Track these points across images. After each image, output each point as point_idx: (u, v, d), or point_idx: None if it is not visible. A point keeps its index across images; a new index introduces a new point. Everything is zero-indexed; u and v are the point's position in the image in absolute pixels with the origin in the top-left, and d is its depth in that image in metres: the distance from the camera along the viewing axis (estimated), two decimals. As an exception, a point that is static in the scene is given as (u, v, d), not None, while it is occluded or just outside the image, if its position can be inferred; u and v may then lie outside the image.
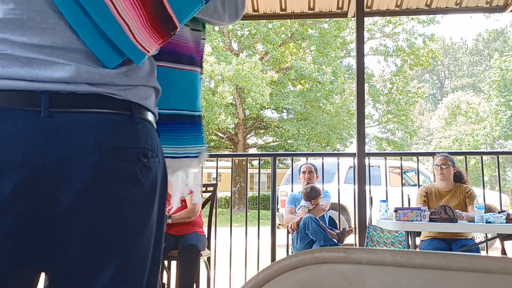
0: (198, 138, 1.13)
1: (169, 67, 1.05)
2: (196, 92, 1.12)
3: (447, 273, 0.39)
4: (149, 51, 0.83)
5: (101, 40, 0.77)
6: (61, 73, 0.74)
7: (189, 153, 1.11)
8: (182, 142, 1.08)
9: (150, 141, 0.85)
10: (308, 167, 3.96)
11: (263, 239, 4.03)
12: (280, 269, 0.44)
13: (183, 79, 1.08)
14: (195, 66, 1.10)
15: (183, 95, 1.08)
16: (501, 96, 20.43)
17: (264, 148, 20.09)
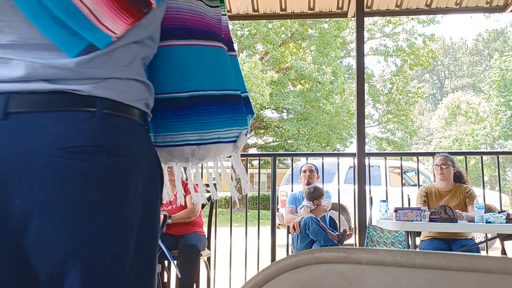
0: (235, 120, 1.02)
1: (179, 45, 0.97)
2: (223, 69, 1.02)
3: (447, 273, 0.39)
4: (116, 33, 0.76)
5: (59, 28, 0.72)
6: (18, 72, 0.72)
7: (220, 138, 1.00)
8: (208, 126, 0.98)
9: (120, 137, 0.78)
10: (309, 166, 3.97)
11: (263, 239, 4.03)
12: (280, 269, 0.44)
13: (202, 56, 0.99)
14: (216, 42, 1.02)
15: (203, 74, 0.99)
16: (501, 96, 20.43)
17: (264, 148, 20.10)
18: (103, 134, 0.76)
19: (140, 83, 0.85)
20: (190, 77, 0.97)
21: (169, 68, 0.98)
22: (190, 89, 0.97)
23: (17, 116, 0.71)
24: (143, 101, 0.85)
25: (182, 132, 0.99)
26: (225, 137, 1.00)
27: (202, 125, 0.98)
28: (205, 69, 0.99)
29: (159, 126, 1.00)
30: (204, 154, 1.01)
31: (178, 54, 0.97)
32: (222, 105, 1.00)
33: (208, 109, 0.98)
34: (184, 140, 0.99)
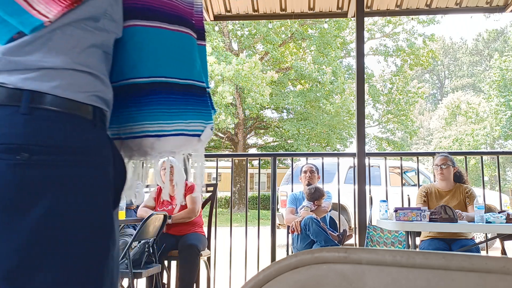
0: (199, 113, 0.93)
1: (139, 26, 0.87)
2: (190, 57, 0.94)
3: (447, 273, 0.39)
4: (49, 17, 0.70)
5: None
6: None
7: (183, 130, 0.91)
8: (170, 116, 0.88)
9: (49, 135, 0.72)
10: (310, 167, 3.96)
11: (263, 239, 4.03)
12: (280, 269, 0.44)
13: (165, 41, 0.89)
14: (184, 27, 0.92)
15: (166, 59, 0.89)
16: (501, 96, 20.43)
17: (264, 148, 20.09)
18: (26, 131, 0.70)
19: (86, 74, 0.77)
20: (151, 61, 0.87)
21: (128, 51, 0.88)
22: (151, 74, 0.87)
23: None
24: (90, 93, 0.78)
25: (141, 122, 0.88)
26: (188, 130, 0.91)
27: (164, 115, 0.88)
28: (169, 55, 0.89)
29: (121, 117, 0.90)
30: (165, 147, 0.90)
31: (138, 36, 0.87)
32: (186, 95, 0.90)
33: (171, 98, 0.88)
34: (143, 131, 0.88)
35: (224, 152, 18.34)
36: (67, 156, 0.73)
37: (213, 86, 16.85)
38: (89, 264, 0.74)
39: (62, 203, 0.72)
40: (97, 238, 0.76)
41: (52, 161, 0.71)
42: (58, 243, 0.71)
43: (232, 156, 4.93)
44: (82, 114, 0.76)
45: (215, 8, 4.51)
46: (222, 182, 21.46)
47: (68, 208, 0.72)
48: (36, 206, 0.70)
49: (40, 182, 0.70)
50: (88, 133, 0.77)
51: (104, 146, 0.80)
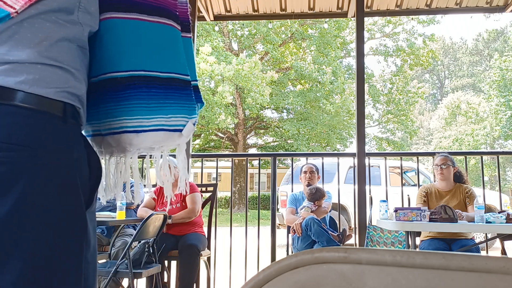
0: (182, 107, 0.90)
1: (117, 18, 0.84)
2: (172, 50, 0.90)
3: (447, 273, 0.39)
4: (16, 7, 0.67)
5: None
6: None
7: (163, 125, 0.87)
8: (149, 111, 0.85)
9: (8, 132, 0.69)
10: (310, 167, 3.95)
11: (263, 239, 4.03)
12: (280, 269, 0.44)
13: (145, 33, 0.86)
14: (166, 19, 0.89)
15: (146, 52, 0.86)
16: (501, 96, 20.43)
17: (264, 148, 20.09)
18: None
19: (56, 68, 0.75)
20: (129, 55, 0.84)
21: (106, 44, 0.84)
22: (130, 68, 0.84)
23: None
24: (60, 89, 0.75)
25: (120, 117, 0.85)
26: (169, 125, 0.87)
27: (143, 110, 0.85)
28: (149, 48, 0.86)
29: (101, 112, 0.87)
30: (144, 142, 0.87)
31: (116, 29, 0.84)
32: (168, 89, 0.87)
33: (151, 92, 0.85)
34: (122, 127, 0.86)
35: (224, 152, 18.34)
36: (34, 155, 0.70)
37: (213, 86, 16.87)
38: (59, 263, 0.72)
39: (29, 203, 0.70)
40: (68, 238, 0.73)
41: (19, 159, 0.69)
42: (24, 245, 0.69)
43: (232, 156, 4.92)
44: (51, 111, 0.73)
45: (215, 8, 4.51)
46: (222, 182, 21.46)
47: (35, 208, 0.70)
48: (2, 205, 0.68)
49: (6, 179, 0.68)
50: (57, 130, 0.74)
51: (75, 144, 0.77)
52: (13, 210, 0.68)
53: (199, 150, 18.23)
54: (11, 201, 0.68)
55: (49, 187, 0.72)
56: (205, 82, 16.77)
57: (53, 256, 0.71)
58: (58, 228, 0.72)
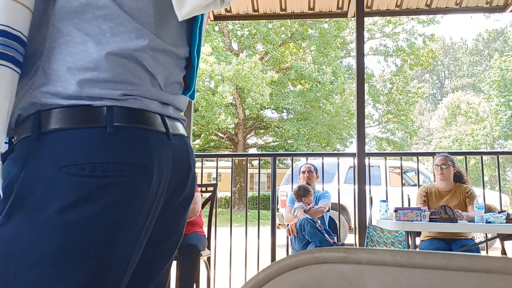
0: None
1: None
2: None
3: (447, 273, 0.39)
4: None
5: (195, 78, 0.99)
6: (173, 98, 0.92)
7: None
8: None
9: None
10: (308, 167, 3.95)
11: (263, 239, 4.03)
12: (280, 269, 0.44)
13: None
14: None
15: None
16: (501, 96, 20.43)
17: (264, 148, 20.10)
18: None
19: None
20: None
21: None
22: None
23: (174, 137, 0.87)
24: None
25: None
26: None
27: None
28: None
29: None
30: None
31: None
32: None
33: None
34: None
35: (224, 152, 18.35)
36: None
37: (213, 86, 16.87)
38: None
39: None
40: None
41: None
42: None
43: (232, 156, 4.92)
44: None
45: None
46: (222, 182, 21.46)
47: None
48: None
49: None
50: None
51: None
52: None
53: (199, 150, 18.23)
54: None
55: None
56: (205, 82, 16.77)
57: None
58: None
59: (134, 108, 0.76)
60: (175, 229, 0.93)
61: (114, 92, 0.74)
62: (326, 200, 3.80)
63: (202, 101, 15.84)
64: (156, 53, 0.80)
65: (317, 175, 3.99)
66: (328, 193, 3.87)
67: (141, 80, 0.77)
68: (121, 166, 0.72)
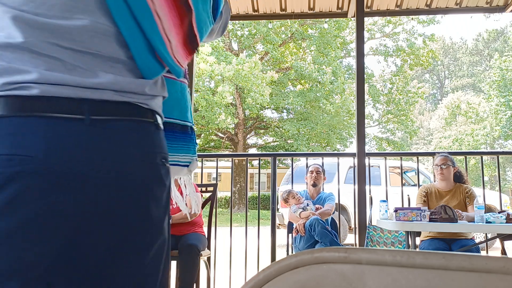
0: (189, 148, 1.16)
1: (165, 77, 1.02)
2: (186, 103, 1.15)
3: (447, 273, 0.39)
4: (184, 66, 0.87)
5: (147, 53, 0.80)
6: (101, 80, 0.75)
7: (178, 161, 1.13)
8: (171, 149, 1.09)
9: (166, 147, 0.88)
10: (317, 167, 3.96)
11: (263, 239, 4.03)
12: (280, 269, 0.44)
13: (176, 89, 1.10)
14: (184, 78, 1.14)
15: (175, 104, 1.11)
16: (501, 96, 20.43)
17: (264, 148, 20.09)
18: (163, 142, 0.87)
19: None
20: (167, 106, 1.01)
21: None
22: (165, 115, 1.01)
23: (101, 122, 0.74)
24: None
25: None
26: (181, 161, 1.14)
27: (168, 149, 1.03)
28: (178, 100, 1.11)
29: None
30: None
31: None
32: (183, 134, 1.13)
33: (174, 136, 1.11)
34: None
35: (224, 152, 18.35)
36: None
37: (213, 86, 16.87)
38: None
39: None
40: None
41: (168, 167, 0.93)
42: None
43: (232, 156, 4.92)
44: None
45: (215, 8, 4.51)
46: (222, 182, 21.46)
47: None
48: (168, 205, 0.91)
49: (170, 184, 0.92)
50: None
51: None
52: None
53: (199, 150, 18.23)
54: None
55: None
56: (205, 82, 16.77)
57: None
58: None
59: (24, 96, 0.70)
60: (110, 269, 0.74)
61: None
62: (332, 202, 3.80)
63: (202, 101, 15.84)
64: (40, 33, 0.72)
65: (324, 177, 4.00)
66: (333, 195, 3.88)
67: (31, 66, 0.70)
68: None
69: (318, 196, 3.89)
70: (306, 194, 3.90)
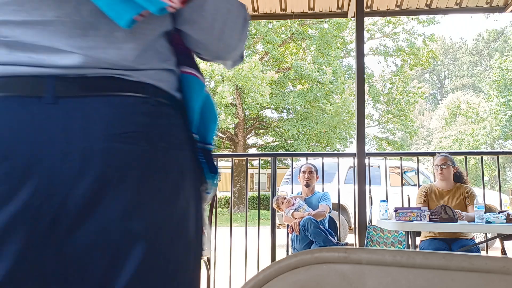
0: (213, 177, 0.96)
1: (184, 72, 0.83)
2: (214, 115, 0.93)
3: (447, 273, 0.39)
4: (173, 2, 0.66)
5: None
6: (70, 59, 0.65)
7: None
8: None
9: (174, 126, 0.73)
10: (309, 167, 3.95)
11: (263, 239, 4.03)
12: (280, 269, 0.44)
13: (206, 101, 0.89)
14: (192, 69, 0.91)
15: (204, 123, 0.86)
16: (501, 96, 20.44)
17: (264, 148, 20.09)
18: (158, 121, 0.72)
19: (176, 74, 0.78)
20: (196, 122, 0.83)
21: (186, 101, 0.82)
22: (196, 133, 0.83)
23: (67, 100, 0.64)
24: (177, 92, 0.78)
25: None
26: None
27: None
28: (208, 118, 0.85)
29: None
30: None
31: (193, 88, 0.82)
32: (208, 160, 0.89)
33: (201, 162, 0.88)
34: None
35: (224, 152, 18.35)
36: (179, 146, 0.78)
37: (213, 86, 16.87)
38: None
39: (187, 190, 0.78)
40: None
41: (174, 149, 0.75)
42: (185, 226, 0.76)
43: (232, 156, 4.93)
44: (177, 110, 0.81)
45: (215, 8, 4.51)
46: (222, 182, 21.46)
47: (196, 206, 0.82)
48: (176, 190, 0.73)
49: (174, 166, 0.74)
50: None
51: (189, 146, 0.84)
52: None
53: (199, 150, 18.22)
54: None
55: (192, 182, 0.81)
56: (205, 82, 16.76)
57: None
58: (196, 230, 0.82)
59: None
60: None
61: None
62: (327, 202, 3.79)
63: (202, 101, 15.85)
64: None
65: (317, 176, 3.99)
66: (328, 195, 3.86)
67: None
68: None
69: (312, 195, 3.89)
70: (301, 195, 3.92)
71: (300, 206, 3.72)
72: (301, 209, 3.69)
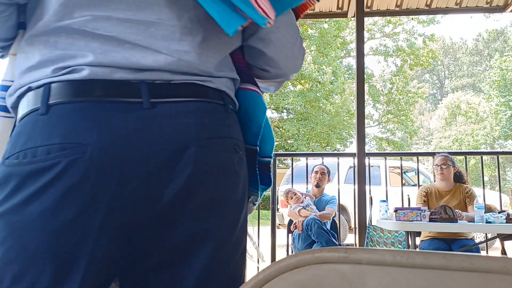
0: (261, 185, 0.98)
1: (242, 89, 0.86)
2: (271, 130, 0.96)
3: (447, 273, 0.39)
4: (271, 17, 0.71)
5: (222, 4, 0.68)
6: (159, 61, 0.69)
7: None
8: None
9: (240, 133, 0.77)
10: (322, 168, 3.97)
11: (263, 239, 4.03)
12: (280, 269, 0.44)
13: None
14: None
15: (266, 138, 0.90)
16: (501, 96, 20.43)
17: (264, 148, 20.07)
18: (235, 127, 0.77)
19: (236, 81, 0.82)
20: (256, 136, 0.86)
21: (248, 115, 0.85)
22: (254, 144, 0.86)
23: (161, 105, 0.68)
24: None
25: None
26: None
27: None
28: (267, 134, 0.87)
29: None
30: None
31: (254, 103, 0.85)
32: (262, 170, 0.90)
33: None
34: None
35: (224, 152, 18.35)
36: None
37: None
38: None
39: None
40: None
41: (244, 155, 0.81)
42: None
43: (232, 156, 4.92)
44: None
45: (215, 8, 4.51)
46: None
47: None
48: (245, 196, 0.78)
49: (245, 173, 0.79)
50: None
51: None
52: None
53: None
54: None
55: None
56: (205, 82, 16.77)
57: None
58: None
59: (75, 80, 0.66)
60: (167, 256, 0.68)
61: (47, 70, 0.67)
62: (333, 206, 3.81)
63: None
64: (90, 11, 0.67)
65: (329, 178, 4.01)
66: (335, 199, 3.88)
67: (83, 48, 0.67)
68: (48, 148, 0.63)
69: (321, 197, 3.90)
70: (309, 193, 3.92)
71: (308, 205, 3.73)
72: (309, 208, 3.70)
